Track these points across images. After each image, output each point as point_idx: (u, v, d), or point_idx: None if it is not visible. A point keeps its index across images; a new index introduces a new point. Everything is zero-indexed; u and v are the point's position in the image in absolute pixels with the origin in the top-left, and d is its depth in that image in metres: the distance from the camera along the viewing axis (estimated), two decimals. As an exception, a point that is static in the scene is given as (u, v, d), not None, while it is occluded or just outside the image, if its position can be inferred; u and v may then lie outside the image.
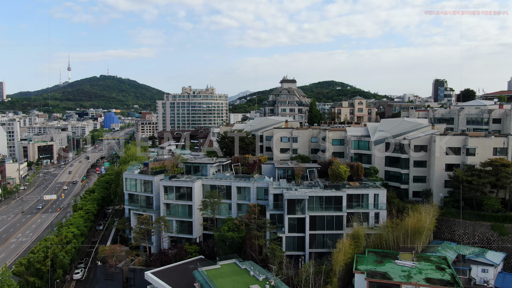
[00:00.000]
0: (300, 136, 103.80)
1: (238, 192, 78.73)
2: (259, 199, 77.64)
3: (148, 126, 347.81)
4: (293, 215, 67.39)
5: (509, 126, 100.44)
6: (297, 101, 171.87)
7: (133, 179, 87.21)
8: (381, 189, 71.34)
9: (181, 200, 79.61)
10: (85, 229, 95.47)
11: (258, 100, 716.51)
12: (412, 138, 79.88)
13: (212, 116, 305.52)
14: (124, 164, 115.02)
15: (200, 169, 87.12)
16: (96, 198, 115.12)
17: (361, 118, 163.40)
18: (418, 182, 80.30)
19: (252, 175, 79.33)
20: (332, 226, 68.90)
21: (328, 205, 69.28)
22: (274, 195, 70.97)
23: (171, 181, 79.92)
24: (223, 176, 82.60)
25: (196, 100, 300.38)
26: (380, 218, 70.50)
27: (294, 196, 66.70)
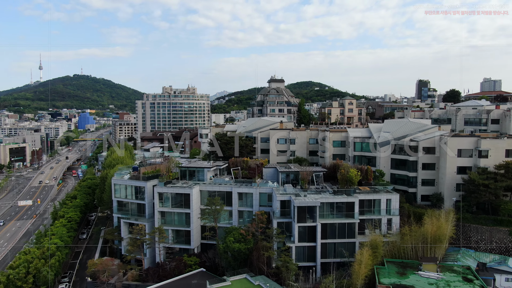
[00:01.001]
0: (298, 138, 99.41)
1: (240, 199, 73.47)
2: (262, 206, 72.65)
3: (127, 127, 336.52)
4: (303, 223, 62.63)
5: (508, 126, 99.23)
6: (286, 101, 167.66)
7: (123, 185, 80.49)
8: (393, 194, 67.56)
9: (177, 208, 73.64)
10: (68, 239, 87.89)
11: (237, 100, 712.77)
12: (421, 139, 76.63)
13: (194, 117, 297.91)
14: (109, 168, 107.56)
15: (195, 174, 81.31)
16: (78, 205, 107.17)
17: (351, 118, 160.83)
18: (426, 185, 77.18)
19: (254, 180, 74.16)
20: (344, 234, 64.57)
21: (339, 211, 64.95)
22: (281, 202, 66.04)
23: (167, 187, 73.83)
24: (223, 181, 77.09)
25: (177, 100, 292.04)
26: (393, 225, 66.72)
27: (304, 203, 61.96)
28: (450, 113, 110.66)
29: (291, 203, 65.34)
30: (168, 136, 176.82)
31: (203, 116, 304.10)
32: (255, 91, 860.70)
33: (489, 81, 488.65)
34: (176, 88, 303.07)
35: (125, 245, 78.83)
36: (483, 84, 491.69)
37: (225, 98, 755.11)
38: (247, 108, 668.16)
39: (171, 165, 77.68)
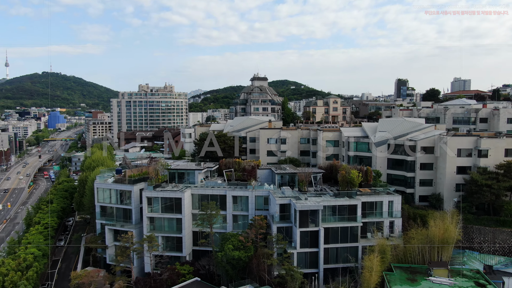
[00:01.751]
0: (289, 137, 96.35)
1: (234, 202, 69.59)
2: (258, 209, 69.06)
3: (101, 126, 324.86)
4: (306, 228, 59.41)
5: (496, 125, 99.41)
6: (269, 99, 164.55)
7: (107, 189, 75.02)
8: (395, 195, 65.37)
9: (168, 213, 68.99)
10: (46, 248, 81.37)
11: (213, 99, 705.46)
12: (420, 139, 74.95)
13: (172, 116, 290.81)
14: (89, 170, 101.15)
15: (185, 176, 76.83)
16: (55, 210, 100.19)
17: (336, 117, 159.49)
18: (424, 185, 75.65)
19: (249, 182, 70.42)
20: (346, 238, 61.83)
21: (341, 215, 62.11)
22: (281, 206, 62.60)
23: (156, 191, 69.04)
24: (215, 184, 72.96)
25: (154, 99, 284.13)
26: (395, 227, 64.52)
27: (307, 207, 58.74)
28: (439, 112, 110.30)
29: (291, 207, 62.05)
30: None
31: (180, 115, 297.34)
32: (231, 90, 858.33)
33: (459, 81, 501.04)
34: (153, 86, 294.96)
35: (111, 253, 73.56)
36: (454, 83, 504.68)
37: (200, 96, 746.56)
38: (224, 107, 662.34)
39: (160, 168, 72.81)
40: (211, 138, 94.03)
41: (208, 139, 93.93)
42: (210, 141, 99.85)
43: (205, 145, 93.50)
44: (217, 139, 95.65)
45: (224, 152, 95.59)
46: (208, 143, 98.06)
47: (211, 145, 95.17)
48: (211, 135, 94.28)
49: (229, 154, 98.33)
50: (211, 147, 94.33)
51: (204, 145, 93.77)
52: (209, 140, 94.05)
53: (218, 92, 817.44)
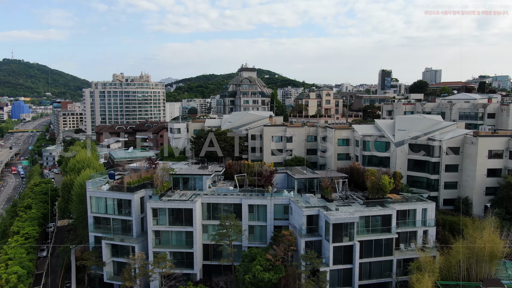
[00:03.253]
0: (296, 135, 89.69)
1: (250, 211, 62.49)
2: (277, 219, 62.38)
3: (72, 118, 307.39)
4: (339, 242, 53.19)
5: (505, 121, 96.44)
6: (260, 91, 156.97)
7: (102, 198, 66.07)
8: (428, 202, 60.21)
9: (176, 226, 61.12)
10: (30, 264, 71.80)
11: (187, 88, 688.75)
12: (445, 139, 70.01)
13: (149, 107, 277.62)
14: (73, 172, 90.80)
15: (189, 181, 68.94)
16: (35, 217, 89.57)
17: (329, 110, 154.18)
18: (449, 188, 71.04)
19: (267, 189, 63.35)
20: (381, 251, 56.19)
21: (375, 226, 56.35)
22: (308, 217, 56.02)
23: (163, 201, 60.90)
24: (227, 191, 65.50)
25: (130, 89, 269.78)
26: (429, 237, 59.41)
27: (342, 219, 52.42)
28: (444, 107, 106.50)
29: (320, 219, 55.63)
30: (128, 130, 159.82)
31: (158, 106, 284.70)
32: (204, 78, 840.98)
33: (430, 71, 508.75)
34: (128, 76, 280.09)
35: (108, 271, 65.08)
36: (425, 73, 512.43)
37: (172, 85, 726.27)
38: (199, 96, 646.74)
39: (165, 173, 64.43)
40: (211, 138, 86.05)
41: (208, 139, 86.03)
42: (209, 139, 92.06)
43: (205, 145, 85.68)
44: (216, 138, 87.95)
45: (224, 151, 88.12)
46: (205, 142, 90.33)
47: (210, 144, 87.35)
48: (211, 135, 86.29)
49: (228, 153, 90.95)
50: (210, 146, 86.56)
51: (204, 145, 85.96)
52: (209, 139, 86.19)
53: (191, 81, 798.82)
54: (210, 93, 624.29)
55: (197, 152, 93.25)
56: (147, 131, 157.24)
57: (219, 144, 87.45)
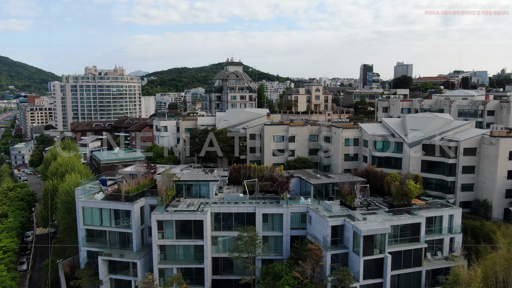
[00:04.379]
0: (298, 135, 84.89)
1: (264, 221, 57.24)
2: (293, 229, 57.48)
3: (40, 113, 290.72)
4: (370, 255, 48.88)
5: (505, 118, 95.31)
6: (247, 87, 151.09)
7: (96, 209, 58.99)
8: (455, 208, 56.91)
9: (184, 239, 55.13)
10: (12, 283, 63.92)
11: (160, 82, 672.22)
12: (462, 139, 67.00)
13: (124, 102, 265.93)
14: (55, 176, 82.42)
15: (194, 188, 62.86)
16: (13, 227, 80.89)
17: (318, 106, 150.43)
18: (465, 191, 68.27)
19: (282, 195, 58.20)
20: (409, 262, 52.32)
21: (403, 235, 52.39)
22: (333, 228, 51.36)
23: (169, 212, 54.64)
24: (238, 199, 59.90)
25: (104, 83, 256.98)
26: (455, 245, 56.17)
27: (373, 230, 48.06)
28: (442, 104, 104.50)
29: (346, 229, 51.11)
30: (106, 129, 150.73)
31: (134, 101, 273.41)
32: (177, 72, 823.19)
33: (402, 65, 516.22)
34: (102, 69, 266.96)
35: (106, 290, 58.28)
36: (397, 68, 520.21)
37: (143, 78, 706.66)
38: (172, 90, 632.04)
39: (169, 180, 57.98)
40: (211, 138, 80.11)
41: (208, 139, 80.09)
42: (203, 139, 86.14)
43: (205, 145, 79.87)
44: (197, 137, 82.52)
45: (221, 152, 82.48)
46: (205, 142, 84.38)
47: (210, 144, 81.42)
48: (211, 135, 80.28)
49: (226, 153, 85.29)
50: (210, 146, 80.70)
51: (204, 145, 79.99)
52: (209, 140, 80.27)
53: (163, 74, 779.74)
54: (184, 87, 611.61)
55: (192, 152, 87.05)
56: (128, 128, 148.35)
57: (206, 146, 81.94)
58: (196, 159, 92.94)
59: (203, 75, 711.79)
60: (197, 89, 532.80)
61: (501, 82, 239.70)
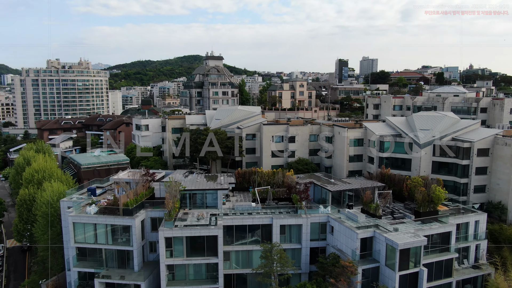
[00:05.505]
0: (299, 135, 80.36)
1: (281, 232, 52.30)
2: (313, 240, 52.96)
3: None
4: (406, 270, 45.18)
5: (498, 115, 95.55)
6: (229, 82, 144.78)
7: (90, 225, 51.85)
8: (480, 213, 54.40)
9: (196, 257, 49.26)
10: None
11: (124, 75, 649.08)
12: (476, 140, 64.83)
13: (91, 97, 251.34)
14: (31, 184, 73.33)
15: (198, 197, 56.83)
16: (-18, 243, 71.41)
17: (302, 102, 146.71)
18: (478, 192, 66.37)
19: (300, 205, 53.39)
20: (440, 274, 49.24)
21: (433, 246, 49.14)
22: (362, 241, 47.23)
23: (179, 228, 48.46)
24: (249, 208, 54.58)
25: (68, 77, 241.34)
26: (481, 252, 53.77)
27: (410, 243, 44.33)
28: (435, 101, 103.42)
29: (376, 241, 47.14)
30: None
31: (101, 96, 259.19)
32: (140, 65, 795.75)
33: (367, 60, 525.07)
34: (65, 62, 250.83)
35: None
36: (362, 62, 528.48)
37: (105, 72, 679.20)
38: (137, 83, 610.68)
39: (176, 191, 51.61)
40: (211, 138, 74.22)
41: (208, 139, 74.38)
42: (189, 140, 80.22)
43: (205, 145, 74.28)
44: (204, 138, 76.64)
45: (221, 153, 77.01)
46: (188, 142, 78.74)
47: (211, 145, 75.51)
48: (211, 135, 74.28)
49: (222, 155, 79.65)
50: (211, 147, 74.96)
51: (204, 145, 74.40)
52: (209, 140, 74.57)
53: (126, 67, 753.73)
54: (150, 80, 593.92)
55: (192, 153, 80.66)
56: (102, 126, 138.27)
57: (207, 146, 76.19)
58: (187, 161, 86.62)
59: (169, 68, 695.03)
60: (164, 83, 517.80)
61: (470, 77, 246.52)
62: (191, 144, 79.84)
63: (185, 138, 79.45)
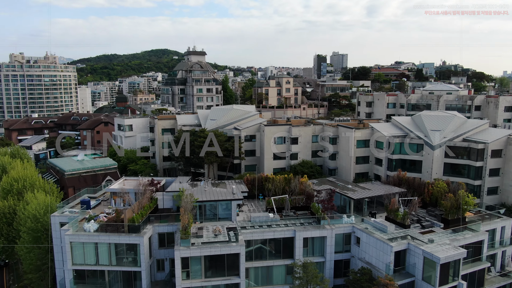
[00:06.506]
0: (302, 136, 76.51)
1: (304, 245, 48.31)
2: (337, 252, 49.32)
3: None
4: (445, 284, 42.34)
5: (492, 113, 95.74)
6: (213, 79, 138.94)
7: (90, 244, 45.88)
8: (505, 218, 52.54)
9: (216, 278, 44.38)
10: None
11: (91, 70, 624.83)
12: (491, 141, 63.21)
13: (58, 93, 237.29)
14: (9, 194, 65.42)
15: (208, 208, 51.82)
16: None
17: (288, 99, 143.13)
18: (490, 194, 65.00)
19: (322, 215, 49.51)
20: (473, 285, 46.89)
21: (467, 255, 46.62)
22: (396, 254, 43.96)
23: (196, 246, 43.39)
24: (267, 220, 50.18)
25: (34, 72, 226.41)
26: (506, 258, 51.99)
27: (451, 256, 41.45)
28: (429, 99, 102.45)
29: (410, 254, 44.02)
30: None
31: (70, 92, 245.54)
32: (106, 59, 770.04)
33: (337, 55, 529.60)
34: (30, 56, 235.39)
35: None
36: (332, 57, 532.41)
37: (74, 67, 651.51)
38: (104, 78, 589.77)
39: (191, 204, 46.34)
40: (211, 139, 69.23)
41: (208, 140, 69.23)
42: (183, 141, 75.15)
43: (205, 146, 69.49)
44: (202, 140, 71.60)
45: (212, 156, 72.29)
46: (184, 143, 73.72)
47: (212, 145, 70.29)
48: (211, 135, 69.34)
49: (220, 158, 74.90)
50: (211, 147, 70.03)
51: (204, 146, 69.43)
52: (208, 141, 69.41)
53: (90, 61, 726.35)
54: (117, 75, 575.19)
55: (191, 155, 75.15)
56: (78, 126, 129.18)
57: (206, 147, 71.26)
58: (182, 164, 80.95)
59: (137, 62, 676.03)
60: (133, 78, 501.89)
61: (444, 73, 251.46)
62: (196, 146, 74.58)
63: (185, 139, 73.90)
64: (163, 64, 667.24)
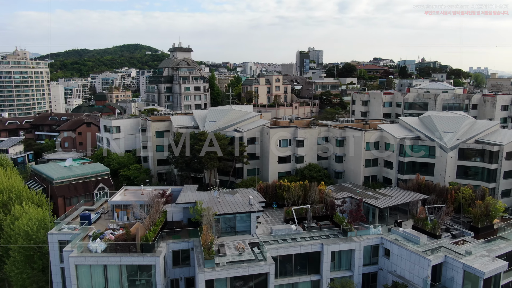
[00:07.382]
0: (308, 138, 73.30)
1: (331, 259, 45.15)
2: (364, 265, 46.44)
3: None
4: (487, 301, 40.13)
5: (489, 112, 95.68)
6: (201, 76, 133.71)
7: (98, 267, 41.04)
8: (531, 224, 51.04)
9: (241, 300, 40.44)
10: None
11: (61, 65, 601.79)
12: (506, 143, 61.92)
13: (30, 91, 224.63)
14: (1, 207, 59.01)
15: (226, 223, 47.75)
16: None
17: (278, 97, 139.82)
18: (504, 197, 63.89)
19: (350, 226, 46.41)
20: (508, 296, 45.11)
21: (500, 266, 44.71)
22: (432, 267, 41.39)
23: (222, 267, 39.28)
24: (290, 232, 46.69)
25: (3, 69, 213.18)
26: (532, 265, 50.49)
27: (494, 270, 39.20)
28: (426, 98, 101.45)
29: (448, 267, 41.57)
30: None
31: (42, 90, 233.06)
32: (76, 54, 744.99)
33: (313, 51, 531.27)
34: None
35: None
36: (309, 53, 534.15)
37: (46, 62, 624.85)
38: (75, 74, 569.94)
39: (212, 219, 42.11)
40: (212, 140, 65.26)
41: (208, 140, 65.69)
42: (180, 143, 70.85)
43: (205, 146, 65.19)
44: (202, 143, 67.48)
45: (210, 160, 68.20)
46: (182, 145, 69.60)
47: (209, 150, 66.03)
48: (211, 135, 65.35)
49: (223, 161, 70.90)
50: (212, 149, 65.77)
51: (204, 146, 65.15)
52: (208, 141, 65.92)
53: (59, 56, 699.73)
54: (89, 71, 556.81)
55: (192, 158, 70.50)
56: (58, 127, 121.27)
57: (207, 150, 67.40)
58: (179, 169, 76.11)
59: (109, 58, 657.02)
60: (106, 74, 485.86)
61: (423, 70, 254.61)
62: (183, 150, 69.99)
63: (185, 141, 69.21)
64: (136, 59, 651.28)
